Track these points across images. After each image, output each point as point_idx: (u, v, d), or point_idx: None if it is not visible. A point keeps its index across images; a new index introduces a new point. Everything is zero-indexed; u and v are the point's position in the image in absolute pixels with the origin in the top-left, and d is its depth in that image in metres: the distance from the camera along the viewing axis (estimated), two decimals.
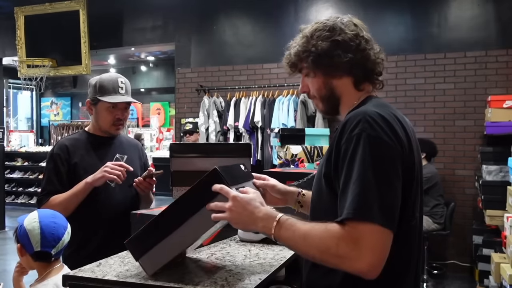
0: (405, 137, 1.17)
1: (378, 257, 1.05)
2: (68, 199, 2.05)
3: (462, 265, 5.45)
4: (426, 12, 5.68)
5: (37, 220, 1.77)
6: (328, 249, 1.08)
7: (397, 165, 1.11)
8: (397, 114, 1.22)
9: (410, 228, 1.19)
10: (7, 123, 11.81)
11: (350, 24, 1.29)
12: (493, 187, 4.33)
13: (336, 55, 1.26)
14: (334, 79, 1.30)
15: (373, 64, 1.29)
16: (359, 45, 1.27)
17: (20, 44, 7.37)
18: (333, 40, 1.27)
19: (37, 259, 1.79)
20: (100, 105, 2.13)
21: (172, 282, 1.27)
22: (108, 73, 2.25)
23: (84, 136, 2.21)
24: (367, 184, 1.07)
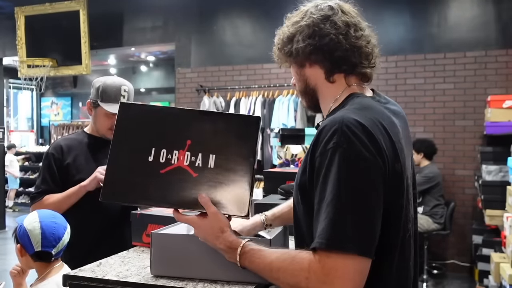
0: (389, 145, 1.04)
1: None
2: (62, 200, 2.07)
3: (462, 265, 5.45)
4: (426, 12, 5.69)
5: (38, 220, 1.77)
6: (297, 284, 0.99)
7: (377, 183, 0.99)
8: (381, 118, 1.08)
9: (404, 243, 1.09)
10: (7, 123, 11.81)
11: (325, 8, 1.16)
12: (492, 187, 4.33)
13: (296, 40, 1.16)
14: (305, 69, 1.19)
15: (345, 52, 1.13)
16: (323, 29, 1.13)
17: (20, 44, 7.37)
18: (299, 26, 1.16)
19: (37, 259, 1.79)
20: (100, 109, 2.14)
21: (172, 282, 1.27)
22: (113, 77, 2.23)
23: (82, 136, 2.22)
24: (341, 208, 0.96)
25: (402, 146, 1.10)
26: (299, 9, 1.21)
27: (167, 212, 1.69)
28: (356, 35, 1.14)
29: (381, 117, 1.08)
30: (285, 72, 6.26)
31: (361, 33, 1.15)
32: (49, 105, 14.03)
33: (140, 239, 1.68)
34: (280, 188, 2.04)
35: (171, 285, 1.25)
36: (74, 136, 2.25)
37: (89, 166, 2.10)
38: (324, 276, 0.95)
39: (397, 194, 1.05)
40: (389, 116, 1.12)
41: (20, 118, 13.68)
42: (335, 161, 0.99)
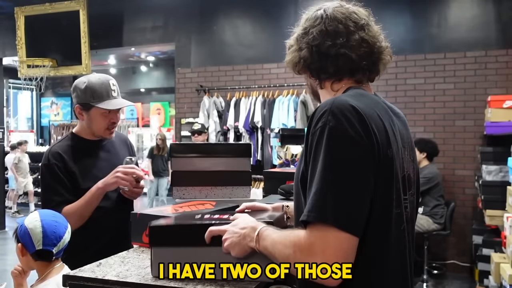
0: (382, 131, 1.06)
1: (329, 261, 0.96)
2: (84, 207, 1.99)
3: (462, 265, 5.45)
4: (426, 12, 5.69)
5: (39, 219, 1.77)
6: (287, 258, 1.03)
7: (363, 162, 1.01)
8: (374, 105, 1.11)
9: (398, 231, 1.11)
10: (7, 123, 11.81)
11: (311, 18, 1.23)
12: (493, 187, 4.33)
13: (291, 51, 1.25)
14: (307, 76, 1.27)
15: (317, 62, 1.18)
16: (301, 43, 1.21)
17: (20, 44, 7.37)
18: (293, 38, 1.25)
19: (38, 258, 1.79)
20: (94, 111, 2.02)
21: (172, 282, 1.27)
22: (94, 75, 2.08)
23: (75, 140, 2.10)
24: (325, 184, 0.99)
25: (396, 138, 1.12)
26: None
27: (167, 212, 1.69)
28: (334, 43, 1.16)
29: (374, 105, 1.10)
30: (285, 72, 6.26)
31: (343, 39, 1.16)
32: (49, 105, 14.04)
33: (140, 239, 1.68)
34: (280, 188, 2.04)
35: (171, 285, 1.25)
36: (67, 141, 2.10)
37: (91, 169, 2.06)
38: (308, 249, 0.98)
39: (388, 177, 1.06)
40: (384, 107, 1.15)
41: (20, 118, 13.68)
42: (323, 139, 1.01)
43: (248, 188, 2.08)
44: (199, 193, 2.06)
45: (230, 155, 2.08)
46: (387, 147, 1.06)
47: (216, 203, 1.88)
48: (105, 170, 2.07)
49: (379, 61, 1.22)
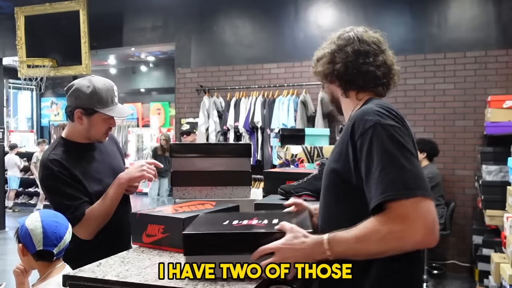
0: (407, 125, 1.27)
1: (428, 224, 1.11)
2: (109, 205, 1.96)
3: (462, 265, 5.45)
4: (426, 12, 5.69)
5: (39, 220, 1.78)
6: (383, 236, 1.13)
7: (411, 144, 1.22)
8: (398, 111, 1.30)
9: None
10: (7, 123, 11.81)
11: (344, 38, 1.44)
12: (493, 187, 4.33)
13: (320, 63, 1.47)
14: (329, 84, 1.50)
15: (351, 76, 1.41)
16: (337, 58, 1.42)
17: (20, 44, 7.37)
18: (324, 52, 1.47)
19: (39, 259, 1.79)
20: (97, 116, 1.97)
21: (172, 282, 1.27)
22: (97, 78, 2.02)
23: (68, 146, 2.03)
24: (395, 165, 1.15)
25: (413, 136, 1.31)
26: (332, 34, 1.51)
27: (166, 213, 1.69)
28: (365, 62, 1.40)
29: (398, 111, 1.31)
30: (285, 72, 6.26)
31: (371, 59, 1.41)
32: (49, 105, 14.04)
33: (140, 239, 1.68)
34: (280, 188, 2.04)
35: (171, 285, 1.25)
36: (60, 147, 2.02)
37: (91, 172, 2.02)
38: (401, 221, 1.12)
39: None
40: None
41: (20, 118, 13.68)
42: (376, 134, 1.20)
43: (248, 188, 2.09)
44: (199, 193, 2.06)
45: (230, 155, 2.09)
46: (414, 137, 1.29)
47: (216, 203, 1.88)
48: (103, 172, 2.06)
49: (392, 80, 1.47)
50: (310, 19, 6.18)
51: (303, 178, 2.00)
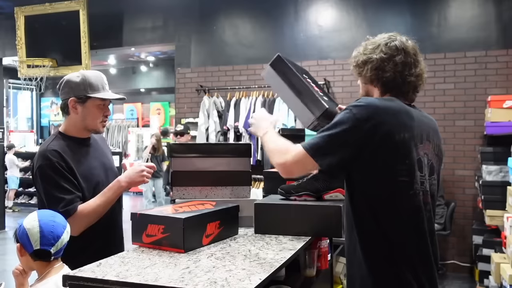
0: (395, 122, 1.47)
1: (293, 167, 1.56)
2: (103, 205, 1.97)
3: (462, 265, 5.45)
4: (426, 12, 5.68)
5: (37, 219, 1.78)
6: (273, 149, 1.67)
7: (351, 136, 1.47)
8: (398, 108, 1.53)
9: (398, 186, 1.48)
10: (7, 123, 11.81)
11: (392, 47, 1.60)
12: (493, 187, 4.33)
13: (366, 68, 1.63)
14: (367, 85, 1.67)
15: (397, 84, 1.60)
16: (386, 67, 1.59)
17: (20, 44, 7.37)
18: (371, 58, 1.61)
19: (36, 258, 1.79)
20: (90, 102, 2.02)
21: (172, 282, 1.27)
22: (84, 70, 2.13)
23: (66, 139, 2.05)
24: (325, 133, 1.51)
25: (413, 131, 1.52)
26: (375, 39, 1.66)
27: (166, 213, 1.69)
28: (409, 73, 1.61)
29: (398, 109, 1.52)
30: None
31: (413, 71, 1.62)
32: (48, 105, 14.05)
33: (140, 239, 1.68)
34: (280, 188, 2.04)
35: (171, 285, 1.25)
36: (58, 140, 2.04)
37: (86, 166, 2.04)
38: (292, 156, 1.56)
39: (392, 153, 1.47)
40: (409, 111, 1.56)
41: (19, 118, 13.68)
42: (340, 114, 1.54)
43: (248, 188, 2.09)
44: (199, 193, 2.06)
45: (230, 155, 2.09)
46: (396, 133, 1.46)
47: (216, 203, 1.88)
48: (96, 167, 2.09)
49: (422, 87, 1.72)
50: (310, 19, 6.18)
51: (303, 178, 2.00)
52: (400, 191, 1.48)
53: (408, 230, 1.50)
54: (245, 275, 1.34)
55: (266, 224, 1.89)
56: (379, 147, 1.45)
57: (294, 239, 1.81)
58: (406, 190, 1.48)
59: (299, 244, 1.73)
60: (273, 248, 1.68)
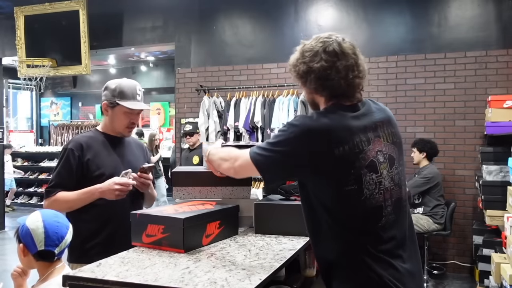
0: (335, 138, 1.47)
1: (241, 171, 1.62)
2: (75, 200, 2.15)
3: (462, 265, 5.45)
4: (426, 12, 5.68)
5: (41, 220, 1.77)
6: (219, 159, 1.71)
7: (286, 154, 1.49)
8: (340, 121, 1.50)
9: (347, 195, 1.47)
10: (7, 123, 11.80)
11: (331, 52, 1.53)
12: (493, 187, 4.32)
13: (309, 78, 1.57)
14: (312, 94, 1.63)
15: (337, 89, 1.55)
16: (329, 76, 1.53)
17: (20, 44, 7.37)
18: (310, 68, 1.55)
19: (39, 259, 1.78)
20: (118, 108, 2.26)
21: (172, 282, 1.27)
22: (125, 79, 2.35)
23: (97, 134, 2.34)
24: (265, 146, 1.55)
25: (349, 142, 1.49)
26: (311, 44, 1.57)
27: (166, 213, 1.68)
28: (353, 75, 1.53)
29: (334, 124, 1.50)
30: (285, 72, 6.25)
31: (356, 72, 1.54)
32: (48, 105, 14.03)
33: (140, 240, 1.68)
34: (280, 188, 2.04)
35: (171, 285, 1.24)
36: (91, 134, 2.36)
37: (107, 162, 2.24)
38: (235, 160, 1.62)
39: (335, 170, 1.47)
40: (346, 123, 1.52)
41: (19, 118, 13.68)
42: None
43: (248, 188, 2.08)
44: (199, 193, 2.06)
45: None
46: (334, 148, 1.46)
47: (216, 203, 1.88)
48: (116, 161, 2.27)
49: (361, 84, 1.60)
50: (310, 19, 6.18)
51: None
52: (349, 198, 1.49)
53: (361, 231, 1.51)
54: (245, 275, 1.34)
55: (266, 224, 1.89)
56: (319, 165, 1.47)
57: (294, 239, 1.80)
58: (357, 197, 1.48)
59: (299, 244, 1.73)
60: (273, 248, 1.68)
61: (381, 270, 1.46)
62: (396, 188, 1.58)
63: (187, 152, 5.84)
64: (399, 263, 1.50)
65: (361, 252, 1.48)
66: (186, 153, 5.85)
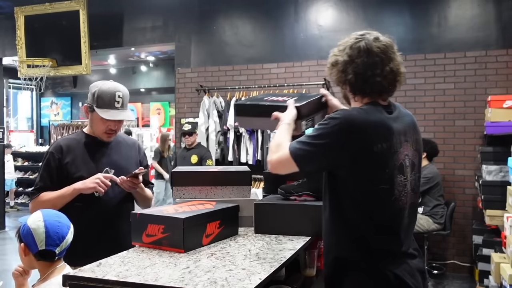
0: (371, 134, 1.51)
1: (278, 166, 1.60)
2: (56, 199, 2.15)
3: (462, 265, 5.45)
4: (426, 12, 5.68)
5: (42, 219, 1.78)
6: (274, 143, 1.64)
7: (327, 146, 1.51)
8: (376, 118, 1.55)
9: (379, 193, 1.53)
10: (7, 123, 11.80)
11: (355, 49, 1.59)
12: (493, 187, 4.33)
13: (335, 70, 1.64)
14: (346, 88, 1.66)
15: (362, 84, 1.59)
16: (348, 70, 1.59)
17: (20, 44, 7.37)
18: (337, 60, 1.62)
19: (40, 258, 1.79)
20: (95, 114, 2.21)
21: (172, 282, 1.27)
22: (109, 82, 2.26)
23: (81, 136, 2.31)
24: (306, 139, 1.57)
25: (392, 138, 1.55)
26: (348, 38, 1.64)
27: (166, 213, 1.69)
28: (372, 73, 1.58)
29: (375, 121, 1.54)
30: (285, 72, 6.26)
31: (379, 70, 1.58)
32: (48, 105, 14.04)
33: (140, 239, 1.68)
34: (280, 188, 2.04)
35: (171, 285, 1.25)
36: (74, 136, 2.34)
37: (87, 165, 2.21)
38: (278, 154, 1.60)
39: (372, 166, 1.51)
40: (386, 122, 1.57)
41: (19, 118, 13.68)
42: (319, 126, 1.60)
43: (248, 188, 2.09)
44: (199, 193, 2.06)
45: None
46: (374, 144, 1.50)
47: (216, 203, 1.88)
48: (101, 163, 2.22)
49: (399, 83, 1.64)
50: (310, 19, 6.18)
51: (303, 178, 2.00)
52: (381, 198, 1.54)
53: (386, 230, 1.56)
54: (245, 275, 1.34)
55: (266, 224, 1.90)
56: (357, 159, 1.50)
57: (294, 239, 1.81)
58: (387, 197, 1.54)
59: (299, 244, 1.74)
60: (273, 248, 1.68)
61: (397, 270, 1.52)
62: (413, 194, 1.63)
63: (184, 151, 5.84)
64: (414, 262, 1.59)
65: (380, 250, 1.53)
66: (183, 152, 5.85)
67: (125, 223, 2.22)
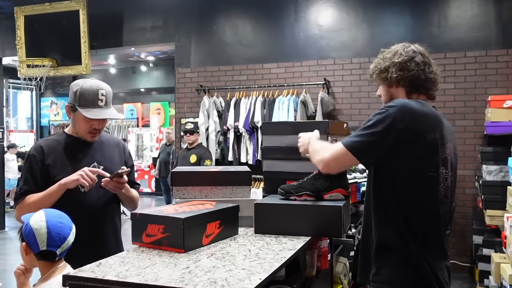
0: (425, 123, 1.63)
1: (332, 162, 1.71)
2: (42, 199, 2.08)
3: (462, 265, 5.45)
4: (426, 12, 5.68)
5: (44, 220, 1.77)
6: (316, 149, 1.80)
7: (387, 131, 1.60)
8: (428, 112, 1.68)
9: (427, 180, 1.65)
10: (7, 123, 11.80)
11: (409, 51, 1.77)
12: (493, 187, 4.33)
13: (390, 71, 1.77)
14: (391, 88, 1.82)
15: (422, 81, 1.75)
16: (409, 66, 1.74)
17: (20, 44, 7.37)
18: (393, 61, 1.77)
19: (41, 258, 1.79)
20: (78, 113, 2.12)
21: (172, 282, 1.27)
22: (90, 80, 2.17)
23: (63, 137, 2.22)
24: (360, 132, 1.67)
25: (441, 132, 1.69)
26: (391, 48, 1.83)
27: (166, 213, 1.68)
28: (429, 71, 1.76)
29: (428, 112, 1.68)
30: (285, 72, 6.26)
31: (432, 69, 1.77)
32: (48, 105, 14.05)
33: (140, 239, 1.68)
34: (280, 188, 2.04)
35: (171, 285, 1.25)
36: (55, 137, 2.25)
37: (68, 166, 2.13)
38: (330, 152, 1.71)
39: (423, 150, 1.63)
40: (438, 115, 1.72)
41: (19, 118, 13.68)
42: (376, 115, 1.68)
43: (248, 188, 2.08)
44: (199, 193, 2.06)
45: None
46: (427, 133, 1.63)
47: (216, 203, 1.88)
48: (83, 164, 2.14)
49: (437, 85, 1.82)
50: (310, 19, 6.18)
51: (303, 178, 2.00)
52: (428, 184, 1.65)
53: (427, 220, 1.68)
54: (245, 275, 1.34)
55: (266, 224, 1.89)
56: (412, 144, 1.61)
57: (294, 239, 1.80)
58: (434, 184, 1.66)
59: (299, 244, 1.73)
60: (273, 248, 1.68)
61: (433, 262, 1.67)
62: (451, 194, 1.75)
63: (185, 151, 5.84)
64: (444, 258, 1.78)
65: (421, 240, 1.66)
66: (184, 152, 5.85)
67: (110, 225, 2.24)
